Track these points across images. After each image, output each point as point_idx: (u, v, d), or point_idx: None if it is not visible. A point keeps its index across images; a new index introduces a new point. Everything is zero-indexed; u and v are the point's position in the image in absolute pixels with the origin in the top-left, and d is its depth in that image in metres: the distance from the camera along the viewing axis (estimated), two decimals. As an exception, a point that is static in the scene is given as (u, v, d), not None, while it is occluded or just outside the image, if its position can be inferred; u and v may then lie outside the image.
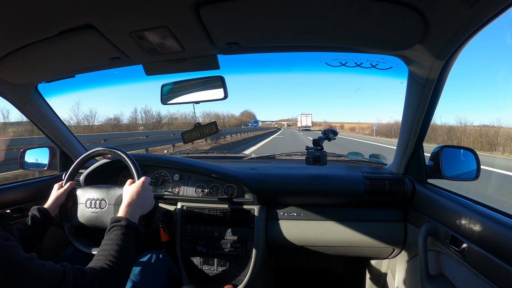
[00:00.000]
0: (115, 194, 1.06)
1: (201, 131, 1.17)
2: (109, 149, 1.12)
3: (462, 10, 0.64)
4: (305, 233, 1.31)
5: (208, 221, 1.32)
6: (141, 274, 1.05)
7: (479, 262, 0.79)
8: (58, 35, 0.79)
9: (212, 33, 0.83)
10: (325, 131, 1.37)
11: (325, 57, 0.98)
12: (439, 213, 1.02)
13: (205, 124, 1.16)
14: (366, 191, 1.27)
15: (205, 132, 1.16)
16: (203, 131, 1.16)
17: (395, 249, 1.31)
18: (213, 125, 1.16)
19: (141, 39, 0.83)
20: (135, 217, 0.87)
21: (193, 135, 1.17)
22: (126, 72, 1.82)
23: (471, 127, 19.39)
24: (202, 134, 1.17)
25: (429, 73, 0.91)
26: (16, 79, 1.13)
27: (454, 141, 18.42)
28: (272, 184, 1.33)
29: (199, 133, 1.17)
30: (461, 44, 0.77)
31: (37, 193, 1.37)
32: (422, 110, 1.04)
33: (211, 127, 1.16)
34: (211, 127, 1.16)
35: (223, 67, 1.03)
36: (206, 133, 1.16)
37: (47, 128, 1.42)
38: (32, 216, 0.99)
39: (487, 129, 17.03)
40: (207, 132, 1.16)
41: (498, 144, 14.45)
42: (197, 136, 1.17)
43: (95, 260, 0.72)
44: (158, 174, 1.42)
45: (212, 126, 1.16)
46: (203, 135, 1.17)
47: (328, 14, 0.74)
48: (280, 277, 1.84)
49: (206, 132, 1.16)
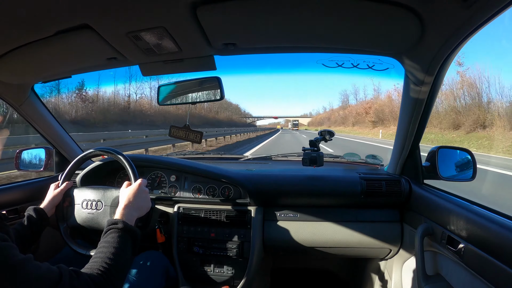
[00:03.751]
0: (112, 195, 1.05)
1: (187, 134, 1.18)
2: (105, 150, 1.12)
3: (459, 11, 0.64)
4: (302, 234, 1.31)
5: (205, 222, 1.32)
6: (137, 275, 1.04)
7: (475, 262, 0.79)
8: (54, 35, 0.79)
9: (209, 34, 0.83)
10: (321, 132, 1.37)
11: (322, 58, 0.98)
12: (436, 214, 1.03)
13: (193, 130, 1.18)
14: (362, 191, 1.27)
15: (189, 137, 1.18)
16: (188, 135, 1.18)
17: (392, 249, 1.31)
18: (198, 135, 1.18)
19: (138, 40, 0.83)
20: (131, 220, 0.87)
21: (179, 133, 1.19)
22: (123, 73, 1.81)
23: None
24: (187, 137, 1.19)
25: (426, 74, 0.91)
26: (12, 80, 1.13)
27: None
28: (269, 185, 1.33)
29: (184, 134, 1.18)
30: (458, 45, 0.77)
31: (33, 194, 1.36)
32: (418, 110, 1.04)
33: (196, 135, 1.18)
34: (196, 135, 1.18)
35: (220, 68, 1.04)
36: (190, 138, 1.18)
37: (44, 129, 1.42)
38: (28, 216, 0.98)
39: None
40: (191, 138, 1.18)
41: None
42: (181, 136, 1.19)
43: (92, 263, 0.72)
44: (155, 175, 1.42)
45: (197, 135, 1.18)
46: (186, 138, 1.19)
47: (324, 15, 0.74)
48: (277, 278, 1.84)
49: (190, 137, 1.18)
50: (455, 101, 21.97)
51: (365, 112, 45.55)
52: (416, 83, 0.96)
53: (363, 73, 1.02)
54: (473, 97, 21.25)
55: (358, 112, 52.06)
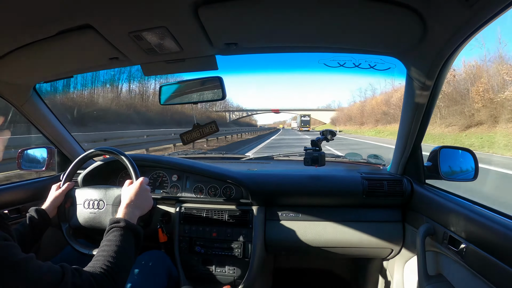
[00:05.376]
0: (113, 194, 1.06)
1: (201, 131, 1.13)
2: (106, 150, 1.12)
3: (461, 10, 0.64)
4: (304, 234, 1.31)
5: (207, 221, 1.32)
6: (140, 275, 1.05)
7: (477, 262, 0.79)
8: (56, 35, 0.79)
9: (210, 34, 0.83)
10: (323, 132, 1.37)
11: (324, 58, 0.98)
12: (437, 214, 1.02)
13: (205, 124, 1.13)
14: (364, 191, 1.27)
15: (205, 132, 1.13)
16: (203, 131, 1.13)
17: (394, 249, 1.31)
18: (213, 124, 1.12)
19: (140, 40, 0.83)
20: (133, 218, 0.87)
21: (192, 135, 1.14)
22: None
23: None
24: (202, 134, 1.13)
25: (428, 74, 0.91)
26: (14, 79, 1.13)
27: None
28: (271, 184, 1.33)
29: (199, 133, 1.14)
30: (460, 44, 0.77)
31: (35, 194, 1.36)
32: (420, 110, 1.04)
33: (211, 126, 1.12)
34: (211, 126, 1.12)
35: (221, 68, 1.04)
36: (206, 132, 1.13)
37: (45, 129, 1.42)
38: (30, 217, 0.98)
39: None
40: (207, 132, 1.12)
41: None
42: (197, 137, 1.14)
43: (94, 261, 0.72)
44: (156, 174, 1.42)
45: (212, 125, 1.12)
46: (203, 135, 1.14)
47: (326, 15, 0.74)
48: (278, 278, 1.84)
49: (206, 131, 1.13)
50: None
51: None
52: (418, 83, 0.96)
53: (365, 73, 1.02)
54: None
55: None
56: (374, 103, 44.27)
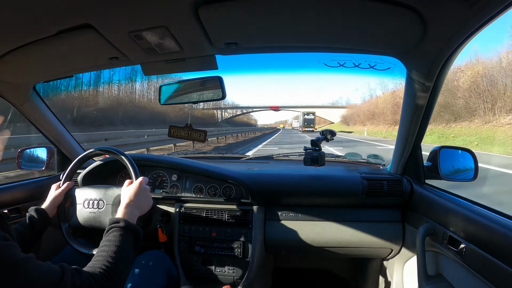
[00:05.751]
0: (113, 194, 1.06)
1: (189, 133, 1.15)
2: (106, 150, 1.12)
3: (462, 10, 0.64)
4: (303, 234, 1.31)
5: (206, 221, 1.32)
6: (139, 275, 1.05)
7: (477, 262, 0.79)
8: (56, 34, 0.79)
9: (210, 34, 0.83)
10: (323, 132, 1.37)
11: (324, 58, 0.98)
12: (437, 214, 1.02)
13: (196, 129, 1.15)
14: (364, 191, 1.27)
15: (193, 136, 1.15)
16: (190, 134, 1.15)
17: (393, 249, 1.31)
18: (202, 133, 1.14)
19: (140, 39, 0.83)
20: (133, 218, 0.87)
21: (180, 132, 1.16)
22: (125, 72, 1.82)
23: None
24: (189, 136, 1.15)
25: (428, 74, 0.91)
26: (14, 79, 1.13)
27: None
28: (270, 184, 1.33)
29: (187, 134, 1.16)
30: (460, 44, 0.77)
31: (35, 193, 1.36)
32: (420, 110, 1.04)
33: (200, 134, 1.14)
34: (200, 134, 1.14)
35: (221, 67, 1.04)
36: (193, 137, 1.15)
37: (45, 128, 1.42)
38: (30, 217, 0.98)
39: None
40: (195, 137, 1.15)
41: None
42: (183, 136, 1.16)
43: (93, 261, 0.72)
44: (156, 174, 1.42)
45: (201, 134, 1.14)
46: (189, 137, 1.16)
47: (326, 15, 0.74)
48: (278, 278, 1.84)
49: (194, 136, 1.15)
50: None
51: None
52: (418, 83, 0.96)
53: (364, 73, 1.02)
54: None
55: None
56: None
